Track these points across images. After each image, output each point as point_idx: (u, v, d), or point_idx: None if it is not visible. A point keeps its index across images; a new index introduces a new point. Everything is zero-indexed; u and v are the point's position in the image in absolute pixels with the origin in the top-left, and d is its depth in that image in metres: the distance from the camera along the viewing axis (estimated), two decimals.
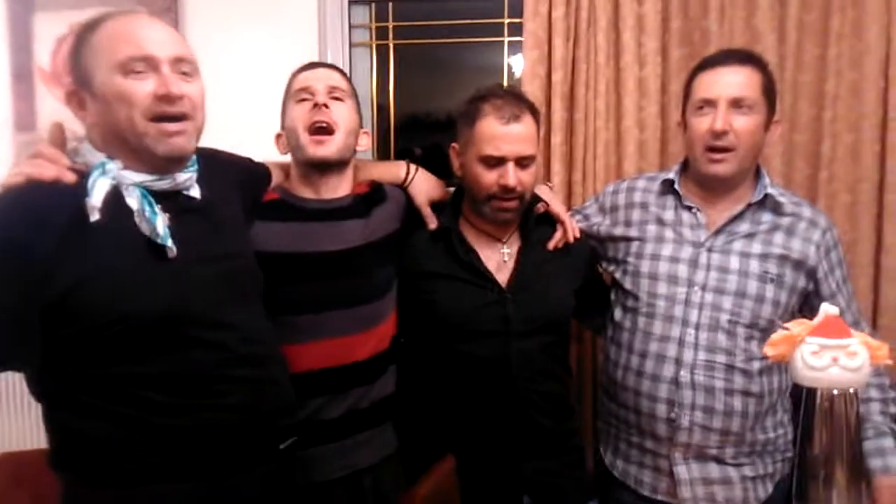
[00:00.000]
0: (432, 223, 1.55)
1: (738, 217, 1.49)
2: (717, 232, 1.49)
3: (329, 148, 1.41)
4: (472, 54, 2.34)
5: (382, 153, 2.37)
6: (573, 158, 1.99)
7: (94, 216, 1.01)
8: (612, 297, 1.63)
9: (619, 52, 1.94)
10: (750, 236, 1.48)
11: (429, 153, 2.42)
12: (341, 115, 1.42)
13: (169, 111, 1.07)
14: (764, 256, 1.46)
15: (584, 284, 1.61)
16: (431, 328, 1.52)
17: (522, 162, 1.44)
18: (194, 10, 2.15)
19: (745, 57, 1.47)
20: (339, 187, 1.47)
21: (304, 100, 1.43)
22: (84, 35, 1.10)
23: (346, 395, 1.40)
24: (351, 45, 2.27)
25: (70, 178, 1.03)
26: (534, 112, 1.49)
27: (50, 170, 1.03)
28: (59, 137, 1.14)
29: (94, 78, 1.07)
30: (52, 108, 2.23)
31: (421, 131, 2.45)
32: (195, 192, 1.17)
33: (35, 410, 1.15)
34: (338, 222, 1.45)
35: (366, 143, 1.53)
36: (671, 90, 1.95)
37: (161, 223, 1.06)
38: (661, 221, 1.55)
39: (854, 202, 1.91)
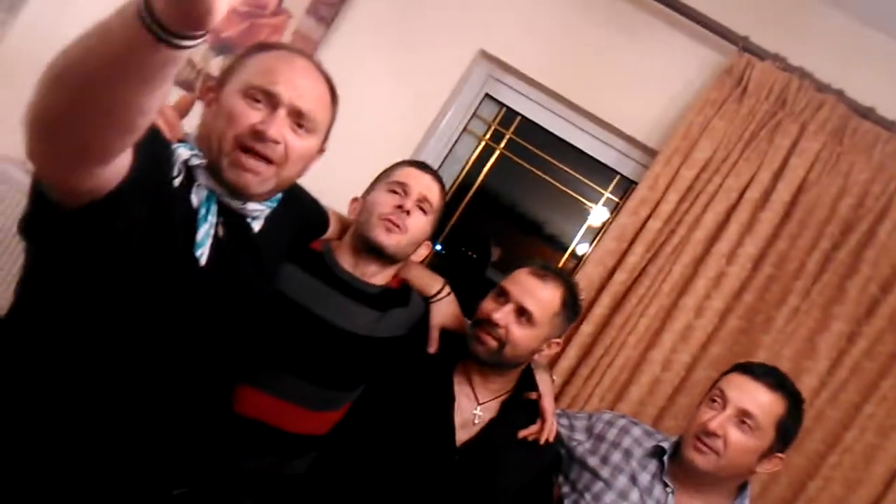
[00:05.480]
0: (432, 347, 1.53)
1: None
2: None
3: (392, 240, 1.42)
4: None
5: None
6: (590, 355, 1.96)
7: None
8: None
9: (685, 291, 1.94)
10: None
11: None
12: (417, 224, 1.45)
13: (256, 148, 1.04)
14: None
15: (531, 484, 1.56)
16: (372, 445, 1.47)
17: (523, 312, 1.45)
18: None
19: (776, 384, 1.42)
20: (377, 276, 1.47)
21: (395, 192, 1.45)
22: (252, 51, 1.11)
23: (260, 455, 1.37)
24: (465, 130, 2.30)
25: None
26: (561, 285, 1.50)
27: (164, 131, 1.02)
28: (184, 107, 1.15)
29: (227, 87, 1.08)
30: None
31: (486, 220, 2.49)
32: (256, 224, 1.16)
33: None
34: (356, 303, 1.43)
35: (422, 254, 1.55)
36: (710, 351, 1.93)
37: (205, 231, 1.03)
38: (634, 479, 1.51)
39: None
